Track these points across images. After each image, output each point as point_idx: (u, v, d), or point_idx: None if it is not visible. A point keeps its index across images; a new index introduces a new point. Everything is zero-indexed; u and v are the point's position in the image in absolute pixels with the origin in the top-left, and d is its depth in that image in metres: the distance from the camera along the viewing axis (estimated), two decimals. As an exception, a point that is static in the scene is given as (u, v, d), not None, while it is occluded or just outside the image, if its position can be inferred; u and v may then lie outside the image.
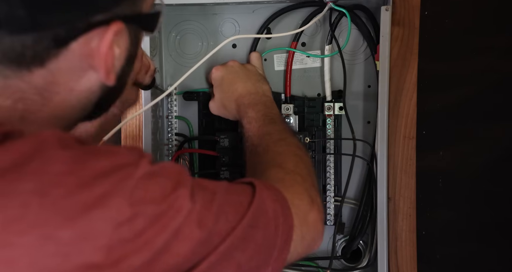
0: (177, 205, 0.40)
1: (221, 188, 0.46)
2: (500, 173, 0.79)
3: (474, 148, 0.80)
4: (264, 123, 0.69)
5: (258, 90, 0.75)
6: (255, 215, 0.45)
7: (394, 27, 0.78)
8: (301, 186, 0.55)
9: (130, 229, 0.37)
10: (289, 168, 0.58)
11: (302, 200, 0.53)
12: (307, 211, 0.53)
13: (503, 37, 0.78)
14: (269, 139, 0.65)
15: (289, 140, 0.66)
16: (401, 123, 0.79)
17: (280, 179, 0.55)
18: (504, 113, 0.79)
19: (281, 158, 0.61)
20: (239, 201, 0.46)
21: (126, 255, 0.36)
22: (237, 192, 0.47)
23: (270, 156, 0.62)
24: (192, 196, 0.41)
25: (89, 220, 0.35)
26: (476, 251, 0.80)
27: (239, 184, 0.50)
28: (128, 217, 0.37)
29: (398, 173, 0.79)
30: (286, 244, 0.48)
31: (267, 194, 0.49)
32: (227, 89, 0.76)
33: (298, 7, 0.80)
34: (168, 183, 0.40)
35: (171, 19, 0.85)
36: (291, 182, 0.55)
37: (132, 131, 0.85)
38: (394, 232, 0.79)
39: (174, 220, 0.39)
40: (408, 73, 0.79)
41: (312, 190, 0.56)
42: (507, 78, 0.79)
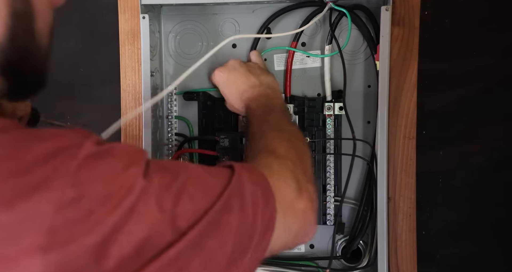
0: (129, 184, 0.38)
1: (190, 171, 0.43)
2: (500, 173, 0.79)
3: (474, 148, 0.80)
4: (264, 112, 0.68)
5: (262, 82, 0.75)
6: (230, 198, 0.42)
7: (394, 27, 0.78)
8: (289, 171, 0.51)
9: (76, 210, 0.35)
10: (280, 154, 0.55)
11: (289, 185, 0.50)
12: (293, 198, 0.49)
13: (503, 37, 0.78)
14: (267, 127, 0.64)
15: (286, 127, 0.64)
16: (401, 123, 0.79)
17: (268, 164, 0.52)
18: (504, 113, 0.79)
19: (274, 143, 0.58)
20: (213, 184, 0.43)
21: (74, 236, 0.35)
22: (212, 175, 0.44)
23: (263, 142, 0.59)
24: (146, 175, 0.39)
25: (30, 203, 0.34)
26: (476, 251, 0.80)
27: (217, 167, 0.47)
28: (73, 198, 0.35)
29: (398, 173, 0.79)
30: (267, 230, 0.45)
31: (247, 176, 0.45)
32: (232, 88, 0.76)
33: (298, 7, 0.80)
34: (117, 163, 0.38)
35: (171, 19, 0.85)
36: (279, 167, 0.52)
37: (132, 131, 0.85)
38: (394, 232, 0.79)
39: (126, 199, 0.37)
40: (408, 73, 0.79)
41: (303, 177, 0.52)
42: (507, 78, 0.79)
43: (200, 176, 0.43)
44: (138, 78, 0.85)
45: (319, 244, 0.84)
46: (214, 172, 0.45)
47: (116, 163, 0.38)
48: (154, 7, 0.81)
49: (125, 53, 0.85)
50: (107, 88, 0.87)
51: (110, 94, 0.86)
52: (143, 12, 0.77)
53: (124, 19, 0.85)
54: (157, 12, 0.83)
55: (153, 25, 0.80)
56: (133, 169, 0.39)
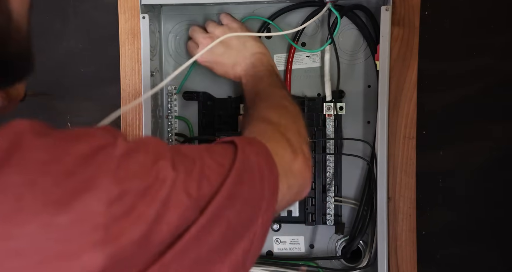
0: (161, 177, 0.40)
1: (201, 154, 0.46)
2: (500, 173, 0.79)
3: (474, 148, 0.80)
4: (253, 85, 0.70)
5: (244, 54, 0.76)
6: (239, 172, 0.45)
7: (394, 27, 0.78)
8: (283, 135, 0.56)
9: (121, 206, 0.37)
10: (273, 120, 0.59)
11: (285, 149, 0.53)
12: (291, 160, 0.53)
13: (503, 37, 0.78)
14: (258, 98, 0.66)
15: (276, 93, 0.67)
16: (401, 123, 0.79)
17: (262, 131, 0.56)
18: (504, 113, 0.79)
19: (266, 111, 0.61)
20: (221, 162, 0.46)
21: (124, 230, 0.37)
22: (218, 153, 0.47)
23: (256, 112, 0.63)
24: (174, 166, 0.41)
25: (82, 203, 0.36)
26: (476, 251, 0.80)
27: (220, 144, 0.50)
28: (117, 195, 0.37)
29: (398, 173, 0.79)
30: (273, 194, 0.48)
31: (249, 149, 0.48)
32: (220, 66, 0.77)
33: (298, 7, 0.80)
34: (147, 158, 0.41)
35: (171, 19, 0.85)
36: (273, 132, 0.56)
37: (132, 131, 0.85)
38: (394, 232, 0.79)
39: (161, 191, 0.40)
40: (408, 73, 0.79)
41: (296, 138, 0.56)
42: (507, 78, 0.79)
43: (211, 157, 0.46)
44: (138, 78, 0.84)
45: (319, 244, 0.84)
46: (220, 150, 0.48)
47: (146, 159, 0.40)
48: (154, 7, 0.81)
49: (125, 53, 0.85)
50: (107, 88, 0.87)
51: (110, 94, 0.86)
52: (143, 12, 0.77)
53: (124, 19, 0.85)
54: (157, 12, 0.83)
55: (153, 25, 0.80)
56: (162, 162, 0.41)
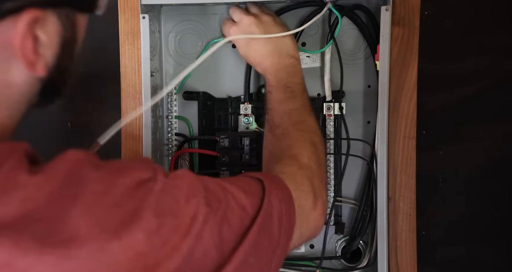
0: (192, 213, 0.43)
1: (227, 193, 0.48)
2: (500, 173, 0.79)
3: (474, 148, 0.80)
4: (285, 97, 0.69)
5: (281, 51, 0.72)
6: (263, 222, 0.48)
7: (394, 27, 0.78)
8: (310, 183, 0.58)
9: (159, 238, 0.41)
10: (303, 163, 0.61)
11: (308, 199, 0.56)
12: (310, 210, 0.56)
13: (503, 37, 0.78)
14: (288, 121, 0.67)
15: (308, 123, 0.67)
16: (401, 123, 0.79)
17: (292, 174, 0.58)
18: (504, 113, 0.79)
19: (297, 147, 0.63)
20: (247, 205, 0.48)
21: (160, 260, 0.40)
22: (246, 194, 0.49)
23: (287, 143, 0.64)
24: (207, 202, 0.45)
25: (130, 233, 0.40)
26: (476, 251, 0.80)
27: (248, 180, 0.52)
28: (156, 228, 0.41)
29: (398, 173, 0.79)
30: (287, 242, 0.51)
31: (275, 193, 0.51)
32: (249, 52, 0.74)
33: (298, 7, 0.80)
34: (181, 195, 0.44)
35: (171, 19, 0.85)
36: (301, 179, 0.58)
37: (132, 131, 0.85)
38: (394, 232, 0.79)
39: (193, 227, 0.43)
40: (408, 73, 0.79)
41: (319, 187, 0.59)
42: (507, 78, 0.79)
43: (237, 199, 0.48)
44: (138, 78, 0.84)
45: (319, 244, 0.84)
46: (248, 190, 0.50)
47: (179, 197, 0.44)
48: (154, 7, 0.81)
49: (125, 53, 0.85)
50: (107, 88, 0.86)
51: (110, 94, 0.86)
52: (143, 12, 0.77)
53: (124, 19, 0.85)
54: (157, 12, 0.83)
55: (153, 25, 0.80)
56: (194, 200, 0.44)
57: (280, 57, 0.72)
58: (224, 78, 0.85)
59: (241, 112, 0.82)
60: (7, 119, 0.47)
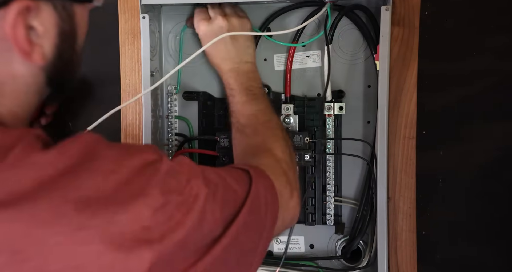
0: (194, 192, 0.47)
1: (222, 178, 0.52)
2: (500, 173, 0.79)
3: (474, 148, 0.80)
4: (248, 100, 0.73)
5: (242, 56, 0.76)
6: (252, 203, 0.53)
7: (394, 27, 0.78)
8: (286, 175, 0.63)
9: (163, 214, 0.44)
10: (278, 155, 0.66)
11: (286, 188, 0.61)
12: (288, 198, 0.61)
13: (503, 37, 0.78)
14: (256, 121, 0.71)
15: (274, 121, 0.72)
16: (401, 123, 0.79)
17: (270, 166, 0.62)
18: (504, 113, 0.79)
19: (270, 142, 0.68)
20: (239, 190, 0.53)
21: (165, 233, 0.44)
22: (236, 181, 0.54)
23: (259, 139, 0.68)
24: (205, 183, 0.49)
25: (137, 206, 0.43)
26: (476, 251, 0.80)
27: (236, 170, 0.57)
28: (161, 204, 0.44)
29: (398, 173, 0.79)
30: (272, 226, 0.56)
31: (261, 182, 0.56)
32: (210, 51, 0.76)
33: (298, 7, 0.80)
34: (183, 177, 0.48)
35: (171, 19, 0.85)
36: (279, 171, 0.63)
37: (132, 131, 0.85)
38: (394, 232, 0.79)
39: (195, 204, 0.47)
40: (408, 73, 0.79)
41: (294, 178, 0.65)
42: (507, 78, 0.78)
43: (231, 183, 0.53)
44: (138, 78, 0.84)
45: (319, 244, 0.84)
46: (238, 177, 0.55)
47: (182, 177, 0.48)
48: (154, 7, 0.81)
49: (125, 53, 0.85)
50: (107, 88, 0.86)
51: (110, 94, 0.86)
52: (143, 12, 0.77)
53: (124, 19, 0.85)
54: (157, 12, 0.83)
55: (153, 25, 0.80)
56: (194, 181, 0.48)
57: (240, 63, 0.76)
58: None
59: (241, 112, 0.82)
60: (17, 108, 0.50)
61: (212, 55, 0.77)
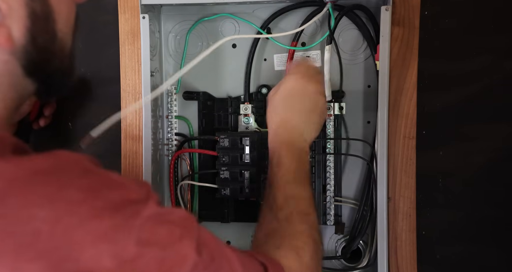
0: (183, 254, 0.40)
1: (225, 258, 0.45)
2: (500, 173, 0.79)
3: (474, 148, 0.80)
4: (294, 181, 0.64)
5: (304, 130, 0.68)
6: None
7: (394, 27, 0.78)
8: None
9: (132, 268, 0.37)
10: (305, 260, 0.58)
11: None
12: None
13: (503, 36, 0.78)
14: (294, 208, 0.62)
15: (312, 218, 0.63)
16: (401, 123, 0.79)
17: (293, 269, 0.55)
18: (504, 113, 0.79)
19: (301, 241, 0.59)
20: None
21: None
22: (245, 267, 0.47)
23: (290, 232, 0.60)
24: (198, 249, 0.41)
25: (97, 253, 0.35)
26: (476, 251, 0.80)
27: (253, 261, 0.50)
28: (133, 256, 0.37)
29: (398, 173, 0.79)
30: None
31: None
32: (278, 106, 0.69)
33: (298, 7, 0.80)
34: (175, 230, 0.40)
35: (171, 19, 0.85)
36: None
37: (132, 131, 0.85)
38: (394, 232, 0.79)
39: (180, 267, 0.39)
40: (408, 73, 0.79)
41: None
42: (507, 78, 0.78)
43: (232, 267, 0.45)
44: (138, 78, 0.84)
45: (319, 244, 0.84)
46: (248, 264, 0.48)
47: (173, 231, 0.40)
48: (154, 7, 0.81)
49: (125, 53, 0.85)
50: (107, 88, 0.86)
51: (110, 94, 0.86)
52: (143, 12, 0.77)
53: (124, 19, 0.85)
54: (157, 12, 0.83)
55: (153, 25, 0.80)
56: (187, 240, 0.40)
57: (300, 135, 0.67)
58: (224, 78, 0.85)
59: (241, 112, 0.82)
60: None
61: (271, 112, 0.69)
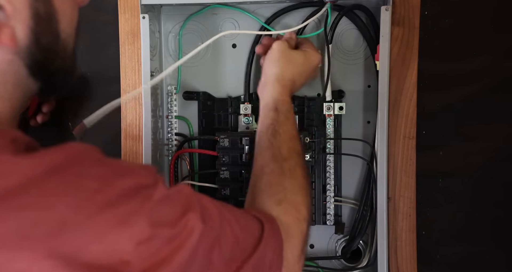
0: (190, 227, 0.42)
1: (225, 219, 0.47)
2: (500, 173, 0.79)
3: (474, 148, 0.80)
4: (296, 135, 0.67)
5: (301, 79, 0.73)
6: (258, 263, 0.49)
7: (394, 27, 0.78)
8: (302, 238, 0.58)
9: (148, 248, 0.39)
10: (303, 214, 0.60)
11: (294, 253, 0.56)
12: (294, 263, 0.56)
13: (503, 36, 0.78)
14: (297, 160, 0.64)
15: (307, 173, 0.66)
16: (401, 123, 0.79)
17: (289, 224, 0.57)
18: (504, 113, 0.79)
19: (301, 196, 0.61)
20: (241, 239, 0.49)
21: (147, 270, 0.39)
22: (243, 229, 0.50)
23: (293, 185, 0.62)
24: (202, 219, 0.44)
25: (116, 237, 0.38)
26: (476, 251, 0.80)
27: (248, 218, 0.52)
28: (147, 237, 0.39)
29: (398, 173, 0.79)
30: None
31: (272, 243, 0.52)
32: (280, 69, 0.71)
33: (298, 7, 0.80)
34: (182, 208, 0.43)
35: (171, 19, 0.85)
36: (296, 233, 0.58)
37: (132, 131, 0.85)
38: (394, 232, 0.79)
39: (189, 239, 0.42)
40: (408, 73, 0.79)
41: (306, 242, 0.60)
42: (507, 78, 0.79)
43: (233, 229, 0.48)
44: (138, 78, 0.84)
45: (319, 244, 0.84)
46: (246, 226, 0.51)
47: (181, 209, 0.43)
48: (154, 7, 0.81)
49: (125, 53, 0.85)
50: (107, 88, 0.86)
51: (110, 94, 0.86)
52: (143, 12, 0.77)
53: (124, 19, 0.85)
54: (157, 12, 0.83)
55: (153, 25, 0.80)
56: (192, 213, 0.43)
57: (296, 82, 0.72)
58: (224, 78, 0.85)
59: (241, 112, 0.82)
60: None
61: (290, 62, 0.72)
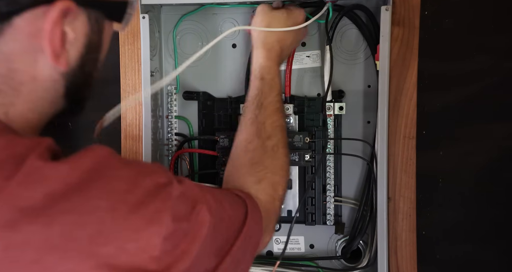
0: (201, 220, 0.46)
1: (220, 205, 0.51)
2: (500, 173, 0.79)
3: (474, 148, 0.80)
4: (281, 109, 0.70)
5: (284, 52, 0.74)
6: (245, 238, 0.53)
7: (394, 27, 0.78)
8: (275, 215, 0.64)
9: (171, 242, 0.43)
10: (279, 194, 0.65)
11: (268, 226, 0.62)
12: (266, 235, 0.62)
13: (503, 36, 0.78)
14: (280, 137, 0.68)
15: (288, 151, 0.69)
16: (401, 123, 0.79)
17: (267, 203, 0.62)
18: (504, 113, 0.79)
19: (280, 175, 0.66)
20: (233, 216, 0.53)
21: (171, 264, 0.42)
22: (232, 206, 0.54)
23: (274, 165, 0.66)
24: (210, 211, 0.48)
25: (149, 234, 0.41)
26: (476, 251, 0.80)
27: (233, 196, 0.57)
28: (171, 232, 0.43)
29: (398, 173, 0.79)
30: (251, 262, 0.57)
31: (255, 217, 0.57)
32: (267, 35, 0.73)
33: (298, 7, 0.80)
34: (190, 202, 0.46)
35: (171, 19, 0.85)
36: (272, 210, 0.63)
37: (132, 131, 0.85)
38: (394, 232, 0.79)
39: (200, 232, 0.46)
40: (408, 73, 0.79)
41: (277, 220, 0.66)
42: (507, 78, 0.79)
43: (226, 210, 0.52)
44: (138, 78, 0.84)
45: (319, 244, 0.84)
46: (233, 203, 0.55)
47: (189, 202, 0.46)
48: (154, 7, 0.81)
49: (125, 53, 0.85)
50: (107, 88, 0.86)
51: (110, 94, 0.86)
52: (143, 12, 0.77)
53: (124, 19, 0.85)
54: (157, 12, 0.83)
55: (153, 25, 0.80)
56: (202, 206, 0.47)
57: (284, 51, 0.74)
58: (224, 78, 0.85)
59: (241, 112, 0.82)
60: (31, 114, 0.48)
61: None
